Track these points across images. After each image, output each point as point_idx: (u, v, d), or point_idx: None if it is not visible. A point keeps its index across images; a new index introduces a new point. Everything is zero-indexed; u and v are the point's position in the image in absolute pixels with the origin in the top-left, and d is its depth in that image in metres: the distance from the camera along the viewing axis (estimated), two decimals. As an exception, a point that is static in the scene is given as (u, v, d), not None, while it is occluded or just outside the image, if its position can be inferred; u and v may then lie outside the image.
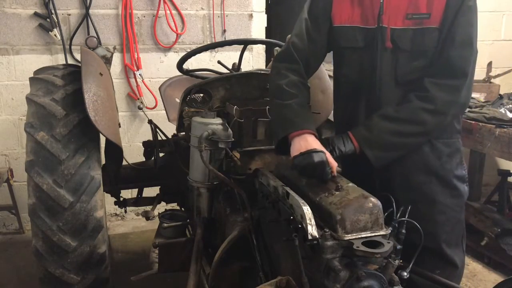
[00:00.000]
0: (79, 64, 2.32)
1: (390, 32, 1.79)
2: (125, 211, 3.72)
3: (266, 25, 4.28)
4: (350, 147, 1.81)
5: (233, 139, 2.08)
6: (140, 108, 3.99)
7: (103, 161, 2.61)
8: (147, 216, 2.73)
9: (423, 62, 1.79)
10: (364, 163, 1.80)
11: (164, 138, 2.85)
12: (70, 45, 3.80)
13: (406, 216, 1.63)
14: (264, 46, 4.24)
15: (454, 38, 1.73)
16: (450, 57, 1.74)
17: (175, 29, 3.97)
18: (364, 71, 1.88)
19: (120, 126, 2.82)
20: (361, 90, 1.91)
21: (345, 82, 2.00)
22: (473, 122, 3.25)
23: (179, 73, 2.69)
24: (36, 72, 2.46)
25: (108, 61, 2.86)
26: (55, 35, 3.71)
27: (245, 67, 3.51)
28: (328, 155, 1.68)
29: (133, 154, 3.62)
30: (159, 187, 2.96)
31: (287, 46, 2.00)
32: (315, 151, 1.64)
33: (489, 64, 4.15)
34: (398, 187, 1.86)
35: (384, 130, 1.77)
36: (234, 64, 2.66)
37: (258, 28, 4.21)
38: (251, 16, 4.17)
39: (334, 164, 1.68)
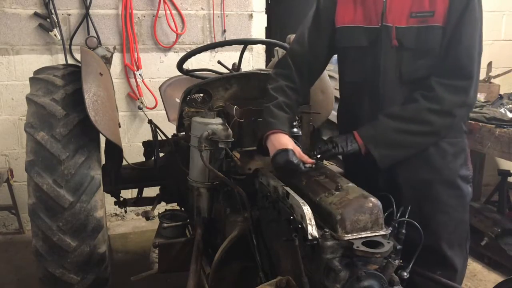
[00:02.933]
0: (79, 64, 2.32)
1: (395, 30, 1.79)
2: (125, 211, 3.71)
3: (266, 25, 4.28)
4: (354, 146, 1.81)
5: (233, 139, 2.08)
6: (140, 108, 3.99)
7: (103, 161, 2.61)
8: (147, 216, 2.73)
9: (427, 61, 1.78)
10: (368, 162, 1.80)
11: (164, 138, 2.85)
12: (70, 45, 3.80)
13: (406, 216, 1.63)
14: (264, 46, 4.24)
15: (460, 38, 1.72)
16: (457, 57, 1.73)
17: (175, 29, 3.97)
18: (368, 70, 1.88)
19: (120, 126, 2.81)
20: (365, 89, 1.91)
21: (349, 82, 2.00)
22: (473, 122, 3.25)
23: (179, 73, 2.69)
24: (36, 72, 2.46)
25: (108, 61, 2.86)
26: (55, 35, 3.71)
27: (245, 67, 3.51)
28: (298, 150, 1.76)
29: (133, 154, 3.61)
30: (159, 187, 2.96)
31: (286, 54, 2.08)
32: (283, 150, 1.73)
33: (489, 64, 4.14)
34: (401, 186, 1.87)
35: (389, 128, 1.78)
36: (234, 64, 2.66)
37: (258, 28, 4.21)
38: (251, 16, 4.17)
39: (305, 157, 1.76)
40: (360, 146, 1.81)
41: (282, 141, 1.78)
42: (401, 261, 1.49)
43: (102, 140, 2.34)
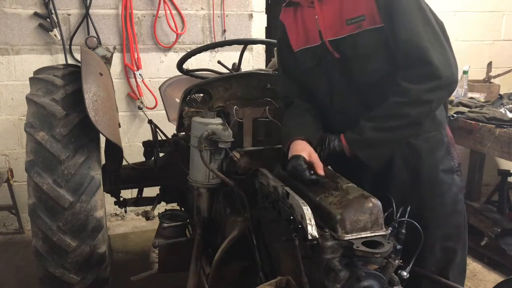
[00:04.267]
0: (79, 64, 2.32)
1: (333, 43, 1.80)
2: (125, 211, 3.72)
3: (266, 25, 4.28)
4: (340, 149, 1.83)
5: (233, 139, 2.08)
6: (140, 108, 3.99)
7: (103, 161, 2.61)
8: (147, 216, 2.73)
9: (376, 64, 1.77)
10: (353, 165, 1.81)
11: (164, 138, 2.85)
12: (70, 45, 3.80)
13: (406, 216, 1.63)
14: (264, 46, 4.23)
15: (397, 32, 1.68)
16: (405, 51, 1.69)
17: (175, 29, 3.97)
18: (320, 88, 1.93)
19: (120, 126, 2.82)
20: (326, 106, 1.95)
21: (319, 100, 2.01)
22: (473, 122, 3.25)
23: (179, 73, 2.69)
24: (36, 72, 2.46)
25: (108, 61, 2.86)
26: (55, 35, 3.71)
27: (245, 67, 3.51)
28: (314, 156, 1.74)
29: (133, 154, 3.62)
30: (159, 187, 2.96)
31: (281, 99, 2.13)
32: (295, 156, 1.73)
33: (489, 64, 4.14)
34: (386, 189, 1.84)
35: (367, 128, 1.76)
36: (234, 64, 2.66)
37: (258, 28, 4.21)
38: (251, 16, 4.17)
39: (318, 165, 1.71)
40: (345, 148, 1.82)
41: (298, 147, 1.78)
42: (401, 261, 1.49)
43: (102, 140, 2.34)
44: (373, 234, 1.42)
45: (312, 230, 1.40)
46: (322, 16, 1.81)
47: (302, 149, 1.77)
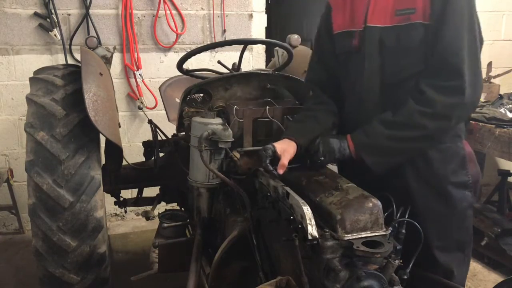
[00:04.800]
0: (79, 64, 2.32)
1: (375, 30, 1.76)
2: (125, 211, 3.72)
3: (266, 25, 4.28)
4: (346, 152, 1.79)
5: (233, 139, 2.08)
6: (140, 108, 3.99)
7: (103, 161, 2.61)
8: (147, 216, 2.73)
9: (409, 60, 1.73)
10: (358, 167, 1.78)
11: (164, 138, 2.85)
12: (70, 45, 3.80)
13: (406, 216, 1.63)
14: (264, 46, 4.24)
15: (443, 34, 1.64)
16: (442, 55, 1.65)
17: (175, 29, 3.97)
18: (352, 75, 1.88)
19: (120, 126, 2.82)
20: (351, 95, 1.91)
21: (343, 89, 1.99)
22: (473, 122, 3.25)
23: (179, 73, 2.69)
24: (36, 72, 2.46)
25: (108, 61, 2.86)
26: (55, 35, 3.71)
27: (245, 67, 3.51)
28: (285, 155, 1.75)
29: (133, 154, 3.62)
30: (159, 187, 2.96)
31: (307, 84, 2.14)
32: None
33: (489, 64, 4.14)
34: (391, 193, 1.78)
35: (381, 135, 1.73)
36: (234, 64, 2.66)
37: (258, 28, 4.21)
38: (251, 16, 4.17)
39: (282, 164, 1.72)
40: (351, 152, 1.78)
41: (281, 144, 1.79)
42: (401, 261, 1.49)
43: (102, 140, 2.34)
44: (373, 234, 1.42)
45: (312, 230, 1.40)
46: (375, 1, 1.77)
47: (282, 143, 1.79)
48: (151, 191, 3.03)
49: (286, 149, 1.77)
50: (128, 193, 3.81)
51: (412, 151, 1.76)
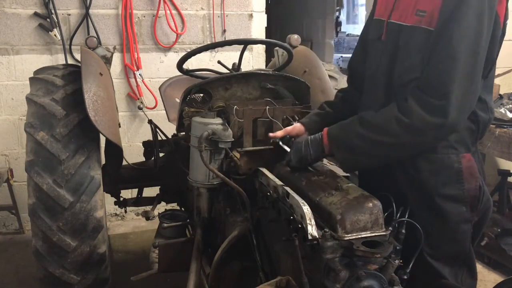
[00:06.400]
0: (79, 64, 2.32)
1: (393, 25, 1.72)
2: (125, 211, 3.72)
3: (266, 25, 4.28)
4: (321, 149, 1.77)
5: (233, 139, 2.08)
6: (140, 108, 3.99)
7: (103, 161, 2.61)
8: (147, 216, 2.73)
9: (411, 63, 1.65)
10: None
11: (164, 138, 2.85)
12: (70, 45, 3.80)
13: (406, 216, 1.63)
14: (264, 46, 4.24)
15: (440, 47, 1.52)
16: (435, 69, 1.54)
17: (175, 29, 3.97)
18: (375, 64, 1.82)
19: (120, 126, 2.82)
20: (371, 84, 1.85)
21: (365, 76, 1.92)
22: (473, 122, 3.24)
23: (179, 73, 2.69)
24: (36, 72, 2.46)
25: (108, 61, 2.86)
26: (55, 35, 3.71)
27: (245, 67, 3.51)
28: (292, 132, 1.97)
29: (133, 154, 3.62)
30: (159, 187, 2.96)
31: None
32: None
33: (489, 64, 4.13)
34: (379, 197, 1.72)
35: (353, 133, 1.68)
36: (234, 64, 2.66)
37: (258, 28, 4.21)
38: (251, 16, 4.17)
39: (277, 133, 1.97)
40: (324, 146, 1.76)
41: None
42: (401, 261, 1.49)
43: (102, 140, 2.34)
44: (373, 234, 1.42)
45: (312, 230, 1.40)
46: None
47: (291, 129, 1.98)
48: (151, 191, 3.03)
49: (293, 130, 1.97)
50: (128, 193, 3.80)
51: (381, 156, 1.68)
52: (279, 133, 1.99)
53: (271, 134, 2.00)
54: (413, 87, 1.61)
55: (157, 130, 2.80)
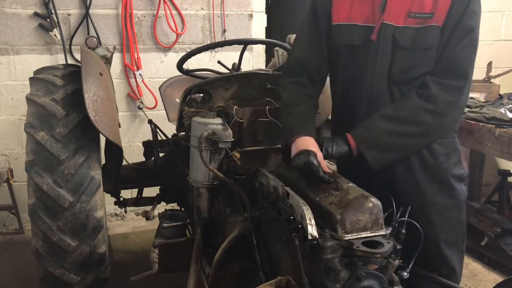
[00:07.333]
0: (79, 64, 2.32)
1: (389, 28, 1.78)
2: (125, 211, 3.72)
3: (266, 25, 4.28)
4: (345, 148, 1.80)
5: (233, 139, 2.08)
6: (140, 108, 3.99)
7: (103, 161, 2.61)
8: (147, 216, 2.73)
9: (421, 61, 1.78)
10: (361, 163, 1.79)
11: (164, 138, 2.85)
12: (70, 45, 3.80)
13: (406, 216, 1.63)
14: (264, 46, 4.24)
15: (460, 37, 1.72)
16: (454, 57, 1.73)
17: (175, 29, 3.97)
18: (359, 69, 1.87)
19: (120, 126, 2.82)
20: (356, 89, 1.90)
21: (341, 82, 1.98)
22: (473, 122, 3.25)
23: (179, 73, 2.69)
24: (36, 72, 2.46)
25: (108, 61, 2.86)
26: (55, 35, 3.71)
27: (245, 67, 3.51)
28: (320, 154, 1.72)
29: (133, 154, 3.62)
30: (159, 187, 2.96)
31: (290, 61, 2.06)
32: (305, 151, 1.69)
33: (489, 64, 4.14)
34: (396, 187, 1.84)
35: (382, 131, 1.77)
36: (234, 64, 2.66)
37: (258, 28, 4.21)
38: (251, 16, 4.17)
39: (324, 164, 1.69)
40: (352, 149, 1.80)
41: (307, 143, 1.74)
42: (401, 261, 1.49)
43: (102, 140, 2.34)
44: (373, 234, 1.42)
45: (312, 230, 1.40)
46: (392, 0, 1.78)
47: (311, 145, 1.74)
48: (151, 191, 3.03)
49: (317, 148, 1.74)
50: (128, 193, 3.81)
51: (409, 147, 1.81)
52: (327, 169, 1.72)
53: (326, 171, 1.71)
54: (430, 76, 1.75)
55: (157, 130, 2.80)
